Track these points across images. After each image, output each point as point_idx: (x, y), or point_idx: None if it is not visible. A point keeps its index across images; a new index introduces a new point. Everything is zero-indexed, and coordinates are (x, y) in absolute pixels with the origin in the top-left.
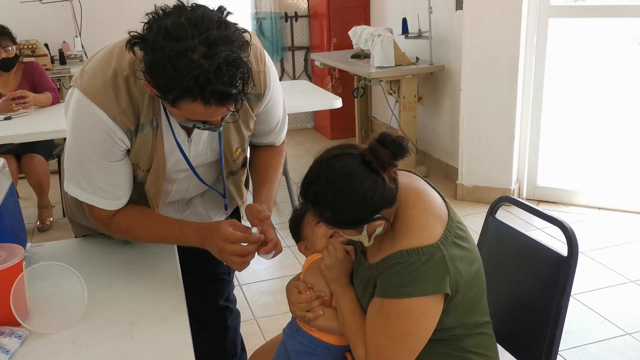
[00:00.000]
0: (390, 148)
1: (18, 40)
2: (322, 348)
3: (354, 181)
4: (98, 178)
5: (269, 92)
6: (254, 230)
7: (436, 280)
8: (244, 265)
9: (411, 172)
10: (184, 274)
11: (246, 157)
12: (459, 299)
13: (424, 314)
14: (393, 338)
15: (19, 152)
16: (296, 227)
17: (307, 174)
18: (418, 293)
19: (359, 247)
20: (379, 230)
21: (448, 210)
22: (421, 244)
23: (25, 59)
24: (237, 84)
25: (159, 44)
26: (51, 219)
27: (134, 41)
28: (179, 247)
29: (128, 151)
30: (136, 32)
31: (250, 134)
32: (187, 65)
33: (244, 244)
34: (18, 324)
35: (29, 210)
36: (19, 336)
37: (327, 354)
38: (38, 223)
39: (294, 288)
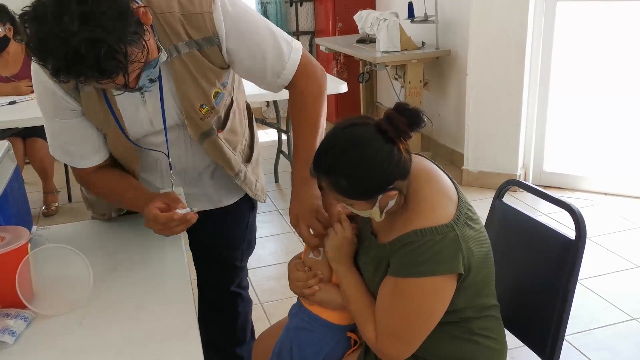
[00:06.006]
0: (407, 116)
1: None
2: (321, 325)
3: (369, 149)
4: (60, 137)
5: (223, 34)
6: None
7: (450, 260)
8: (166, 232)
9: (419, 154)
10: (196, 257)
11: (221, 117)
12: (470, 279)
13: (437, 293)
14: (405, 317)
15: (24, 136)
16: None
17: (322, 143)
18: (432, 272)
19: (368, 229)
20: (391, 203)
21: (457, 191)
22: (435, 223)
23: None
24: (106, 63)
25: (28, 26)
26: (56, 204)
27: (19, 19)
28: (188, 232)
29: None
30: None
31: (217, 90)
32: (54, 47)
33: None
34: (24, 306)
35: (34, 195)
36: (25, 318)
37: (326, 332)
38: (43, 208)
39: (293, 267)
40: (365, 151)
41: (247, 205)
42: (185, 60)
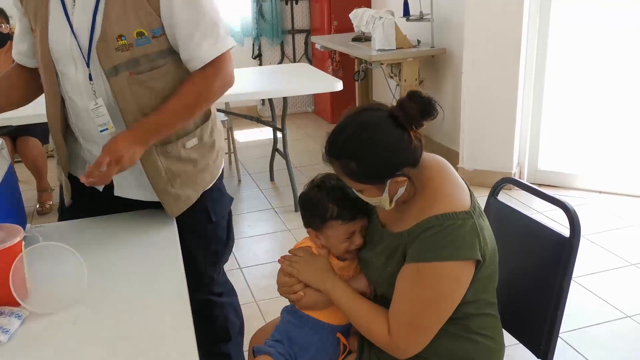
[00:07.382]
0: (419, 103)
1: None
2: (312, 324)
3: (379, 132)
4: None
5: None
6: None
7: (470, 246)
8: None
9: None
10: None
11: (137, 61)
12: (482, 271)
13: (458, 279)
14: (426, 304)
15: (14, 135)
16: (310, 212)
17: (334, 128)
18: (454, 257)
19: (377, 223)
20: (401, 191)
21: (468, 186)
22: (454, 209)
23: None
24: None
25: None
26: (51, 202)
27: None
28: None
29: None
30: None
31: (142, 30)
32: None
33: None
34: (17, 304)
35: (28, 193)
36: (19, 316)
37: (316, 329)
38: (37, 206)
39: (280, 271)
40: (374, 134)
41: (204, 217)
42: None
